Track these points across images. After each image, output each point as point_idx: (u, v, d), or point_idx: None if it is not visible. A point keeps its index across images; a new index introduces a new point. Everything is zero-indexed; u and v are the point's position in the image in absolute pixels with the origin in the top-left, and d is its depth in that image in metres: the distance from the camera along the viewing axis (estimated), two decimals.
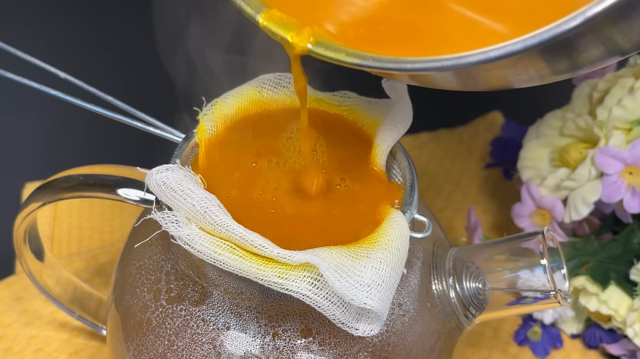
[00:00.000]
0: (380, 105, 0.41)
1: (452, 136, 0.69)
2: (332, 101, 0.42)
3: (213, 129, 0.40)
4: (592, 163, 0.49)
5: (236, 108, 0.41)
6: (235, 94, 0.41)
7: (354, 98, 0.42)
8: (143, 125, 0.41)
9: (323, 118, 0.42)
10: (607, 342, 0.52)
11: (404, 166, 0.39)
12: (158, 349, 0.37)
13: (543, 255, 0.39)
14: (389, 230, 0.34)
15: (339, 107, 0.42)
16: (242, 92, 0.41)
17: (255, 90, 0.42)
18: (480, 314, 0.40)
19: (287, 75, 0.42)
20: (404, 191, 0.38)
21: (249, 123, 0.41)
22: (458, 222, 0.62)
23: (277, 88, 0.42)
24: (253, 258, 0.33)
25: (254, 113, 0.42)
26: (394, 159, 0.40)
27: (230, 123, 0.41)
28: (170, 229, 0.34)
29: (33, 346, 0.52)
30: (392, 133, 0.39)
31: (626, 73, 0.52)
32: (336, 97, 0.42)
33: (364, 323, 0.33)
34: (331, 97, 0.42)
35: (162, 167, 0.36)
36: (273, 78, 0.42)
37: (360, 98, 0.42)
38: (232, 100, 0.41)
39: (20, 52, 0.44)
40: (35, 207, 0.41)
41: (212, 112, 0.40)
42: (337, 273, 0.32)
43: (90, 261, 0.57)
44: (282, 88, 0.42)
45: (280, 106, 0.42)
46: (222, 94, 0.41)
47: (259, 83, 0.42)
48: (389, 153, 0.40)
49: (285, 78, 0.42)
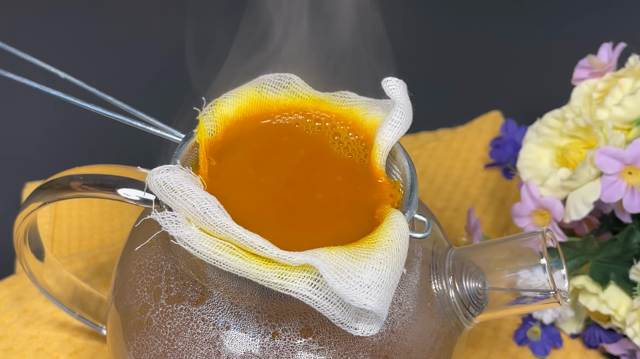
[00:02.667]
0: (380, 105, 0.41)
1: (452, 136, 0.69)
2: (332, 101, 0.42)
3: (213, 129, 0.40)
4: (592, 163, 0.49)
5: (236, 108, 0.41)
6: (235, 94, 0.41)
7: (353, 98, 0.42)
8: (143, 125, 0.42)
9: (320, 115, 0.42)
10: (607, 342, 0.52)
11: (404, 166, 0.39)
12: (158, 349, 0.38)
13: (543, 255, 0.39)
14: (389, 230, 0.34)
15: (339, 107, 0.42)
16: (242, 92, 0.41)
17: (255, 90, 0.42)
18: (480, 314, 0.40)
19: (287, 76, 0.42)
20: (403, 192, 0.38)
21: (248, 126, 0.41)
22: (458, 222, 0.62)
23: (277, 88, 0.42)
24: (253, 258, 0.33)
25: (253, 114, 0.42)
26: (394, 159, 0.40)
27: (229, 123, 0.41)
28: (170, 229, 0.34)
29: (33, 346, 0.52)
30: (392, 133, 0.39)
31: (626, 74, 0.52)
32: (336, 97, 0.42)
33: (363, 323, 0.33)
34: (331, 97, 0.42)
35: (162, 167, 0.36)
36: (273, 79, 0.42)
37: (360, 99, 0.42)
38: (231, 100, 0.41)
39: (20, 52, 0.44)
40: (35, 207, 0.41)
41: (212, 112, 0.40)
42: (337, 274, 0.32)
43: (90, 261, 0.57)
44: (282, 89, 0.42)
45: (280, 106, 0.42)
46: (222, 94, 0.41)
47: (259, 84, 0.42)
48: (389, 154, 0.40)
49: (285, 78, 0.42)
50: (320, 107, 0.42)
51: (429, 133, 0.70)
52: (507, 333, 0.55)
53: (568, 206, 0.50)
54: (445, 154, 0.68)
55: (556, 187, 0.51)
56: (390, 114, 0.39)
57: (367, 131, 0.41)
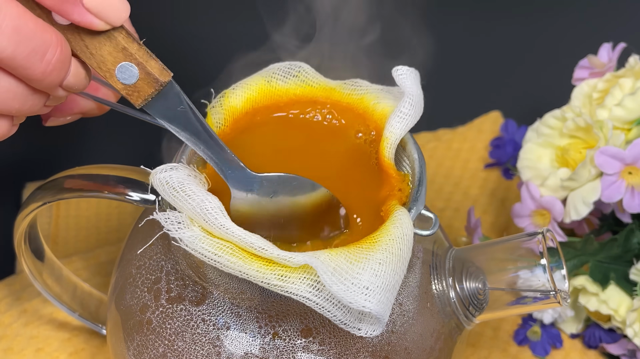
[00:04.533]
0: (392, 94, 0.40)
1: (452, 136, 0.69)
2: (343, 89, 0.41)
3: (221, 122, 0.39)
4: (592, 163, 0.49)
5: (244, 100, 0.40)
6: (243, 85, 0.41)
7: (365, 87, 0.41)
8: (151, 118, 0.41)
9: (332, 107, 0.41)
10: (607, 342, 0.52)
11: (414, 159, 0.38)
12: (158, 349, 0.38)
13: (543, 255, 0.39)
14: (392, 229, 0.34)
15: (349, 96, 0.41)
16: (251, 83, 0.41)
17: (264, 80, 0.41)
18: (480, 314, 0.40)
19: (297, 64, 0.41)
20: (411, 186, 0.37)
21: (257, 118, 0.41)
22: (458, 222, 0.62)
23: (287, 77, 0.41)
24: (253, 259, 0.33)
25: (262, 105, 0.41)
26: (404, 151, 0.39)
27: (238, 115, 0.40)
28: (171, 230, 0.34)
29: (33, 345, 0.52)
30: (400, 125, 0.38)
31: (626, 74, 0.52)
32: (347, 86, 0.41)
33: (366, 323, 0.33)
34: (342, 86, 0.41)
35: (166, 165, 0.36)
36: (283, 67, 0.41)
37: (371, 87, 0.41)
38: (240, 91, 0.40)
39: None
40: (35, 207, 0.41)
41: (220, 104, 0.40)
42: (335, 276, 0.32)
43: (90, 261, 0.57)
44: (292, 77, 0.41)
45: (290, 96, 0.41)
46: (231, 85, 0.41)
47: (268, 73, 0.41)
48: (400, 145, 0.39)
49: (295, 67, 0.41)
50: (331, 96, 0.41)
51: (429, 133, 0.70)
52: (507, 333, 0.55)
53: (568, 206, 0.50)
54: (445, 154, 0.68)
55: (556, 187, 0.51)
56: (399, 106, 0.38)
57: (378, 121, 0.40)
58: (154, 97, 0.34)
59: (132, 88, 0.33)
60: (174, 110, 0.34)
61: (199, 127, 0.35)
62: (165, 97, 0.34)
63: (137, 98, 0.33)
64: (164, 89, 0.33)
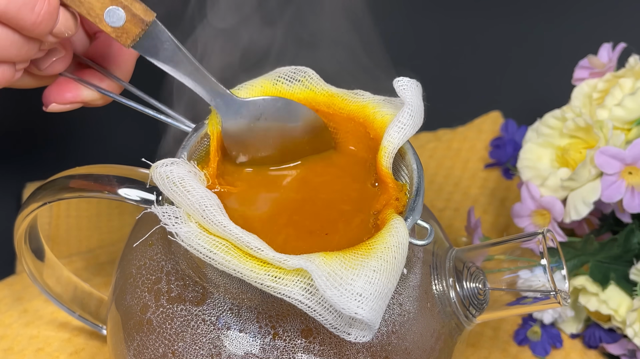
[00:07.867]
0: (393, 104, 0.40)
1: (452, 136, 0.69)
2: (345, 97, 0.41)
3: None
4: (592, 163, 0.49)
5: None
6: (249, 86, 0.41)
7: (367, 97, 0.41)
8: (154, 112, 0.41)
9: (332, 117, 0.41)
10: (607, 342, 0.52)
11: (412, 168, 0.38)
12: (158, 349, 0.38)
13: (543, 255, 0.39)
14: (387, 237, 0.34)
15: (351, 103, 0.41)
16: (256, 84, 0.41)
17: (270, 83, 0.41)
18: (480, 314, 0.40)
19: (303, 69, 0.41)
20: (408, 196, 0.37)
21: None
22: (458, 222, 0.62)
23: (292, 82, 0.41)
24: (249, 259, 0.33)
25: None
26: (403, 160, 0.39)
27: None
28: (168, 224, 0.34)
29: (33, 346, 0.52)
30: (398, 135, 0.38)
31: (626, 74, 0.52)
32: (350, 94, 0.41)
33: (356, 329, 0.33)
34: (345, 94, 0.41)
35: (167, 160, 0.36)
36: (289, 72, 0.41)
37: (373, 97, 0.41)
38: (245, 92, 0.40)
39: None
40: (35, 207, 0.41)
41: None
42: (329, 281, 0.32)
43: (91, 261, 0.57)
44: (297, 82, 0.41)
45: (294, 100, 0.41)
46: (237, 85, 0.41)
47: (275, 76, 0.41)
48: (399, 154, 0.39)
49: (301, 72, 0.41)
50: (333, 103, 0.41)
51: (429, 133, 0.70)
52: (507, 333, 0.55)
53: (568, 206, 0.50)
54: (445, 154, 0.68)
55: (556, 187, 0.51)
56: (398, 115, 0.38)
57: (378, 130, 0.40)
58: (142, 36, 0.37)
59: (120, 30, 0.36)
60: (161, 47, 0.37)
61: (186, 60, 0.38)
62: (152, 36, 0.37)
63: (127, 39, 0.37)
64: (149, 28, 0.37)
